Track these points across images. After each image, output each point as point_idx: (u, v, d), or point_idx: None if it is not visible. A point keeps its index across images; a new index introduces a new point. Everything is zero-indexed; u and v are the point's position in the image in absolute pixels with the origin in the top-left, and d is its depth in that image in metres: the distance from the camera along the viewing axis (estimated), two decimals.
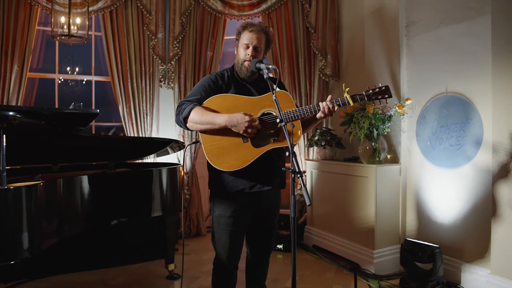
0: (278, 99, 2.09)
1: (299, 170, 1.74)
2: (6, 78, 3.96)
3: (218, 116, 2.00)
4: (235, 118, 1.97)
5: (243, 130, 1.97)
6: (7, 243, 1.87)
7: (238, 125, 1.97)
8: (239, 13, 4.52)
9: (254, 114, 2.08)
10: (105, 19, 4.35)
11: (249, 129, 1.97)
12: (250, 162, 2.05)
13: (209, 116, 2.00)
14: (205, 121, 2.00)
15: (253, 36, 2.15)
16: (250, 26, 2.18)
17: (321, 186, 4.06)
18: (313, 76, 4.39)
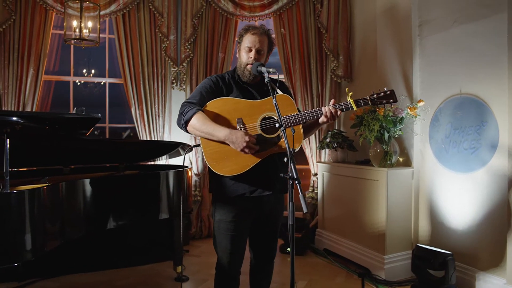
0: (279, 103, 2.05)
1: (297, 177, 1.70)
2: (22, 81, 4.05)
3: (219, 129, 1.96)
4: (235, 136, 1.94)
5: (240, 149, 1.94)
6: (10, 245, 1.89)
7: (236, 144, 1.94)
8: (251, 14, 4.50)
9: (255, 118, 2.05)
10: (118, 22, 4.40)
11: (246, 149, 1.94)
12: (250, 167, 2.02)
13: (210, 127, 1.97)
14: (205, 131, 1.98)
15: (255, 39, 2.12)
16: (252, 29, 2.15)
17: (332, 189, 3.99)
18: (325, 77, 4.32)
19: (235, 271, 2.22)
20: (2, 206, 1.88)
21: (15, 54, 4.00)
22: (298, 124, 2.04)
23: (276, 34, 4.48)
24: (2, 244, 1.86)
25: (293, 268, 1.75)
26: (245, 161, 2.02)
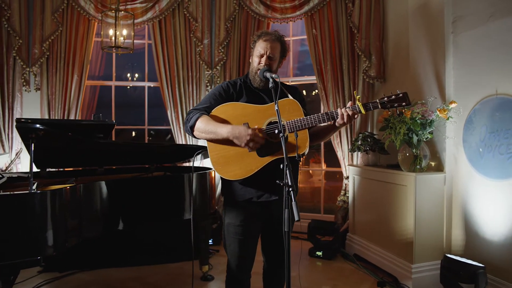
0: (285, 107, 2.07)
1: (291, 184, 1.69)
2: (68, 87, 4.35)
3: (221, 126, 1.99)
4: (238, 130, 1.94)
5: (244, 143, 1.93)
6: (33, 240, 2.05)
7: (240, 138, 1.94)
8: (282, 16, 4.49)
9: (261, 122, 2.06)
10: (154, 28, 4.59)
11: (251, 142, 1.92)
12: (255, 171, 2.03)
13: (213, 126, 2.00)
14: (208, 131, 2.01)
15: (267, 45, 2.12)
16: (265, 35, 2.15)
17: (363, 193, 3.88)
18: (357, 78, 4.21)
19: (243, 274, 2.24)
20: (27, 205, 2.05)
21: (61, 62, 4.31)
22: (303, 129, 2.02)
23: (307, 35, 4.44)
24: (26, 239, 2.03)
25: (289, 274, 1.75)
26: (249, 166, 2.04)
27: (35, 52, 4.21)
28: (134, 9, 4.50)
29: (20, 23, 4.15)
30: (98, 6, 4.35)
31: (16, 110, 4.18)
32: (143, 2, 4.51)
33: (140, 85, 5.24)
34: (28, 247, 2.03)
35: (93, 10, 4.34)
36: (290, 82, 5.13)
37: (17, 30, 4.12)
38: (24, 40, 4.17)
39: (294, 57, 5.31)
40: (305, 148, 2.03)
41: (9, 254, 1.95)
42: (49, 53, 4.28)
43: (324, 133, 2.18)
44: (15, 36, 4.12)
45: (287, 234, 1.73)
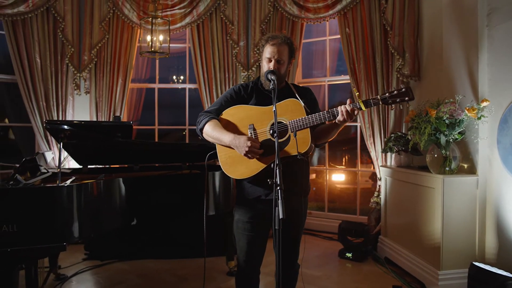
0: (288, 108, 2.12)
1: (280, 183, 1.74)
2: (113, 90, 4.69)
3: (225, 135, 2.09)
4: (238, 141, 2.04)
5: (243, 153, 2.03)
6: (61, 228, 2.28)
7: (239, 148, 2.03)
8: (315, 16, 4.48)
9: (265, 123, 2.12)
10: (193, 32, 4.79)
11: (249, 154, 2.01)
12: (259, 170, 2.10)
13: (218, 133, 2.11)
14: (214, 137, 2.13)
15: (274, 49, 2.17)
16: (272, 39, 2.19)
17: (394, 195, 3.77)
18: (390, 76, 4.08)
19: (251, 269, 2.30)
20: (56, 196, 2.28)
21: (107, 67, 4.66)
22: (305, 128, 2.04)
23: (341, 35, 4.38)
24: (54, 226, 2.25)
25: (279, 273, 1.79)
26: (254, 165, 2.11)
27: (85, 58, 4.59)
28: (173, 15, 4.73)
29: (72, 33, 4.54)
30: (140, 14, 4.64)
31: (68, 112, 4.59)
32: (182, 8, 4.73)
33: (181, 87, 5.49)
34: (55, 233, 2.25)
35: (135, 17, 4.64)
36: (327, 82, 5.09)
37: (69, 39, 4.53)
38: (75, 48, 4.56)
39: (333, 56, 5.27)
40: (306, 147, 2.05)
41: (39, 239, 2.18)
42: (97, 59, 4.64)
43: (328, 132, 2.17)
44: (68, 45, 4.52)
45: (278, 231, 1.76)
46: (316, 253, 4.20)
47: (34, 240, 2.16)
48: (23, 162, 2.54)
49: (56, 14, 4.44)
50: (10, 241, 2.10)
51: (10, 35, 4.32)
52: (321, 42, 5.26)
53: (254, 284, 2.35)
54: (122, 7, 4.63)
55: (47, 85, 4.47)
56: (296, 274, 2.46)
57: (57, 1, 4.43)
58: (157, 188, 2.88)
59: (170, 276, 3.54)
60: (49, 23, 4.46)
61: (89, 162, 3.33)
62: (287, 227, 2.28)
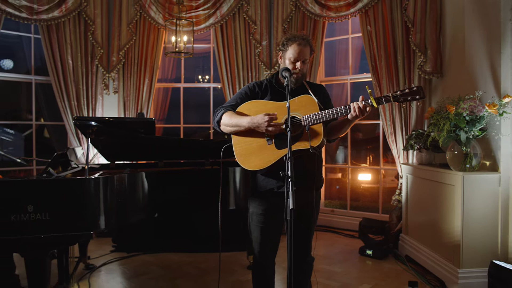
0: (302, 103, 2.19)
1: (291, 175, 1.80)
2: (140, 89, 4.88)
3: (243, 118, 2.18)
4: (256, 119, 2.12)
5: (264, 129, 2.10)
6: (88, 218, 2.42)
7: (260, 125, 2.11)
8: (336, 14, 4.50)
9: (279, 117, 2.18)
10: (216, 33, 4.92)
11: (270, 127, 2.08)
12: (272, 162, 2.17)
13: (236, 119, 2.20)
14: (232, 123, 2.21)
15: (301, 50, 2.23)
16: (298, 39, 2.23)
17: (414, 193, 3.74)
18: (412, 74, 4.05)
19: (265, 260, 2.37)
20: (84, 188, 2.43)
21: (134, 67, 4.85)
22: (318, 123, 2.10)
23: (362, 33, 4.39)
24: (84, 216, 2.40)
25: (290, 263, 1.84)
26: (268, 157, 2.18)
27: (113, 59, 4.80)
28: (197, 16, 4.87)
29: (102, 35, 4.76)
30: (166, 15, 4.80)
31: (98, 111, 4.81)
32: (206, 9, 4.86)
33: (205, 86, 5.62)
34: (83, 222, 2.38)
35: (161, 19, 4.81)
36: (349, 81, 5.10)
37: (99, 41, 4.75)
38: (104, 50, 4.78)
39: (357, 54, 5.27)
40: (319, 141, 2.11)
41: (69, 227, 2.33)
42: (124, 60, 4.84)
43: (340, 127, 2.21)
44: (97, 47, 4.74)
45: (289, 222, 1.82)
46: (337, 250, 4.22)
47: (64, 228, 2.30)
48: (55, 156, 2.71)
49: (86, 17, 4.67)
50: (43, 228, 2.25)
51: (45, 39, 4.57)
52: (345, 40, 5.27)
53: (270, 274, 2.42)
54: (148, 10, 4.81)
55: (78, 85, 4.70)
56: (310, 268, 2.51)
57: (87, 5, 4.65)
58: (178, 183, 2.99)
59: (192, 269, 3.67)
60: (80, 27, 4.69)
61: (117, 158, 3.49)
62: (299, 219, 2.35)
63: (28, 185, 2.32)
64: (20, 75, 5.15)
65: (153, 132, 2.94)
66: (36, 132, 5.19)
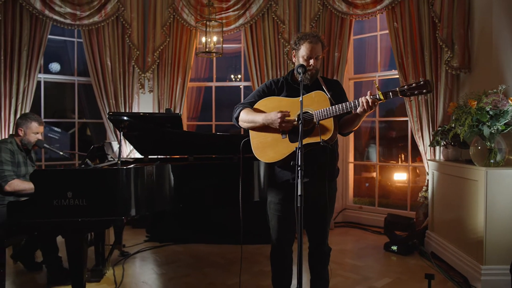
0: (314, 99, 2.30)
1: (301, 165, 1.91)
2: (173, 88, 5.12)
3: (258, 115, 2.33)
4: (270, 116, 2.26)
5: (278, 125, 2.23)
6: (123, 203, 2.63)
7: (273, 122, 2.25)
8: (363, 12, 4.52)
9: (293, 113, 2.30)
10: (246, 33, 5.07)
11: (283, 123, 2.21)
12: (286, 155, 2.29)
13: (252, 116, 2.35)
14: (249, 120, 2.36)
15: (313, 47, 2.35)
16: (310, 37, 2.36)
17: (440, 190, 3.72)
18: (439, 69, 4.01)
19: (283, 247, 2.49)
20: (116, 178, 2.65)
21: (168, 67, 5.10)
22: (329, 117, 2.20)
23: (389, 29, 4.39)
24: (116, 203, 2.62)
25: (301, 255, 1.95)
26: (282, 150, 2.31)
27: (148, 60, 5.07)
28: (228, 17, 5.05)
29: (138, 37, 5.05)
30: (197, 17, 5.02)
31: (134, 109, 5.10)
32: (236, 10, 5.03)
33: (236, 85, 5.80)
34: (115, 208, 2.60)
35: (193, 21, 5.02)
36: (377, 78, 5.09)
37: (135, 43, 5.04)
38: (140, 51, 5.06)
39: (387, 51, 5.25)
40: (330, 135, 2.21)
41: (103, 213, 2.55)
42: (159, 61, 5.10)
43: (352, 121, 2.29)
44: (134, 49, 5.03)
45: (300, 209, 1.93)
46: (362, 246, 4.26)
47: (99, 213, 2.53)
48: (92, 149, 2.97)
49: (124, 21, 4.97)
50: (80, 213, 2.49)
51: (87, 42, 4.91)
52: (373, 37, 5.27)
53: (287, 260, 2.54)
54: (181, 12, 5.04)
55: (116, 85, 5.01)
56: (327, 257, 2.59)
57: (125, 10, 4.95)
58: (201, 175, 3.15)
59: (219, 258, 3.84)
60: (118, 30, 5.00)
61: (149, 153, 3.72)
62: (314, 209, 2.45)
63: (68, 173, 2.58)
64: (65, 76, 5.55)
65: (180, 127, 3.13)
66: (80, 130, 5.58)
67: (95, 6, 4.78)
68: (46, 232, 2.76)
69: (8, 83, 4.44)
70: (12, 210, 2.47)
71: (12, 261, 3.60)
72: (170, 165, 2.88)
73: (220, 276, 3.38)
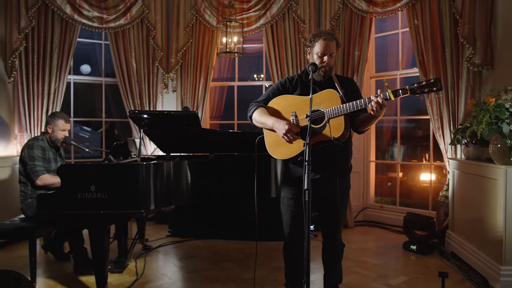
0: (326, 97, 2.35)
1: (308, 160, 1.96)
2: (196, 88, 5.26)
3: (269, 119, 2.40)
4: (278, 124, 2.33)
5: (281, 135, 2.31)
6: (143, 197, 2.75)
7: (279, 131, 2.33)
8: (383, 9, 4.50)
9: (306, 110, 2.34)
10: (267, 33, 5.14)
11: (286, 136, 2.29)
12: (298, 152, 2.36)
13: (263, 118, 2.43)
14: (260, 121, 2.44)
15: (327, 44, 2.41)
16: (323, 34, 2.43)
17: (460, 189, 3.66)
18: (461, 67, 3.94)
19: (295, 241, 2.54)
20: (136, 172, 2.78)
21: (191, 68, 5.24)
22: (340, 115, 2.24)
23: (409, 27, 4.35)
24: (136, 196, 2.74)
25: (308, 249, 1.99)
26: (294, 148, 2.37)
27: (172, 61, 5.23)
28: (249, 17, 5.13)
29: (161, 39, 5.21)
30: (219, 18, 5.13)
31: (158, 108, 5.27)
32: (256, 11, 5.11)
33: (258, 84, 5.88)
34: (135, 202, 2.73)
35: (215, 22, 5.14)
36: (399, 76, 5.04)
37: (159, 45, 5.20)
38: (164, 52, 5.22)
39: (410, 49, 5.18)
40: (340, 132, 2.24)
41: (124, 206, 2.69)
42: (182, 61, 5.25)
43: (367, 119, 2.32)
44: (158, 50, 5.20)
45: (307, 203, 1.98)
46: (381, 244, 4.25)
47: (120, 206, 2.67)
48: (114, 145, 3.13)
49: (148, 23, 5.14)
50: (102, 205, 2.64)
51: (113, 44, 5.12)
52: (395, 35, 5.22)
53: (300, 255, 2.58)
54: (203, 14, 5.17)
55: (141, 85, 5.19)
56: (339, 253, 2.63)
57: (149, 12, 5.12)
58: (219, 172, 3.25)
59: (238, 254, 3.93)
60: (142, 32, 5.18)
61: (171, 150, 3.85)
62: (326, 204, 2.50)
63: (91, 168, 2.73)
64: (93, 77, 5.80)
65: (197, 124, 3.23)
66: (108, 129, 5.81)
67: (121, 10, 4.98)
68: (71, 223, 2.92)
69: (40, 84, 4.69)
70: (40, 202, 2.65)
71: (43, 251, 3.83)
72: (186, 161, 2.99)
73: (237, 270, 3.47)
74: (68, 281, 3.18)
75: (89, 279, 3.12)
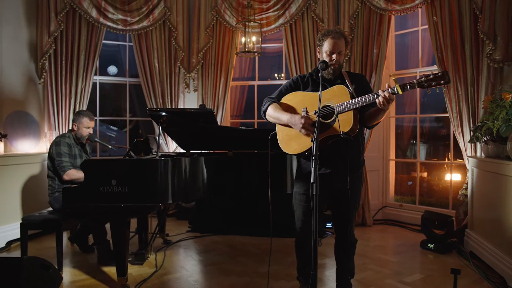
0: (335, 93, 2.40)
1: (315, 154, 2.02)
2: (216, 87, 5.37)
3: (283, 115, 2.47)
4: (294, 119, 2.40)
5: (298, 129, 2.38)
6: (161, 191, 2.88)
7: (295, 126, 2.40)
8: (401, 7, 4.47)
9: (316, 106, 2.40)
10: (286, 32, 5.19)
11: (303, 129, 2.35)
12: (309, 147, 2.41)
13: (278, 113, 2.49)
14: (274, 116, 2.51)
15: (336, 42, 2.47)
16: (332, 33, 2.49)
17: (479, 187, 3.61)
18: (480, 63, 3.88)
19: (306, 236, 2.59)
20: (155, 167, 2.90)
21: (211, 68, 5.36)
22: (349, 110, 2.28)
23: (428, 24, 4.31)
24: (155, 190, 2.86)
25: (315, 241, 2.06)
26: (305, 143, 2.43)
27: (193, 61, 5.36)
28: (268, 17, 5.20)
29: (183, 39, 5.36)
30: (239, 18, 5.22)
31: (180, 107, 5.41)
32: (275, 11, 5.17)
33: (278, 83, 5.94)
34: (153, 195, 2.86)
35: (235, 22, 5.24)
36: (418, 73, 4.99)
37: (181, 45, 5.35)
38: (185, 53, 5.37)
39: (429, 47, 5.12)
40: (349, 127, 2.29)
41: (142, 199, 2.82)
42: (203, 61, 5.38)
43: (376, 114, 2.35)
44: (179, 50, 5.35)
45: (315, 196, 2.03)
46: (399, 242, 4.24)
47: (139, 199, 2.80)
48: (135, 142, 3.27)
49: (170, 25, 5.30)
50: (123, 199, 2.78)
51: (136, 46, 5.30)
52: (415, 32, 5.17)
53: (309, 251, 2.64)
54: (224, 14, 5.28)
55: (163, 85, 5.35)
56: (352, 247, 2.66)
57: (171, 14, 5.27)
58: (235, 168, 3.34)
59: (255, 249, 4.01)
60: (165, 33, 5.34)
61: (190, 147, 3.97)
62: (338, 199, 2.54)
63: (112, 163, 2.88)
64: (117, 78, 6.02)
65: (213, 122, 3.33)
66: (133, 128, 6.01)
67: (143, 12, 5.15)
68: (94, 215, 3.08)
69: (68, 84, 4.92)
70: (65, 194, 2.81)
71: (69, 243, 4.03)
72: (202, 158, 3.09)
73: (253, 265, 3.54)
74: (91, 270, 3.35)
75: (111, 270, 3.27)
